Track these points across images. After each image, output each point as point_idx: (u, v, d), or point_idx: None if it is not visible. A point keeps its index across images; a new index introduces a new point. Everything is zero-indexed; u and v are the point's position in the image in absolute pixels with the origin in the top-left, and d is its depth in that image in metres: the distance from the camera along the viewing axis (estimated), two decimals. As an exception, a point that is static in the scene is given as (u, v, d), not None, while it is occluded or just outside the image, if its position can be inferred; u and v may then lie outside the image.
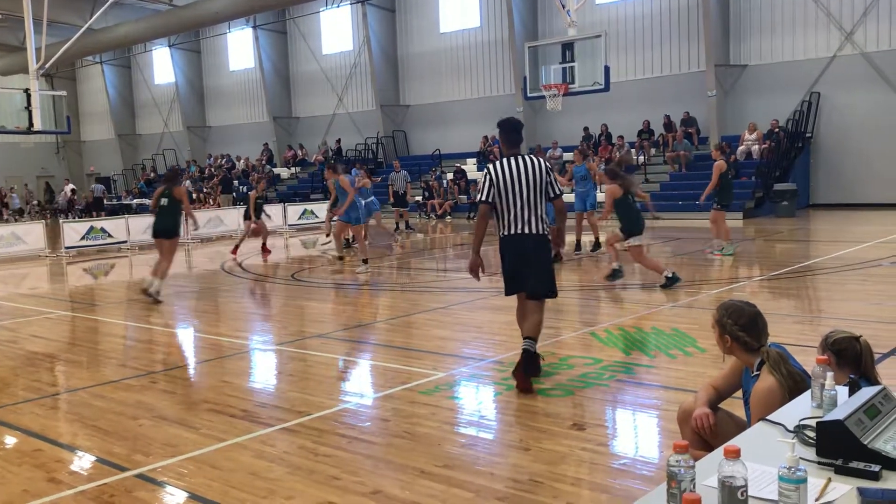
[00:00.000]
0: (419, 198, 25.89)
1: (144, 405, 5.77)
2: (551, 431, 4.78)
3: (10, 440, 5.20)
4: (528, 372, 5.74)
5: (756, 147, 22.15)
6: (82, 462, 4.70)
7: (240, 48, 35.49)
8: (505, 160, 5.84)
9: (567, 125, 25.61)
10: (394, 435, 4.90)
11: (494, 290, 10.32)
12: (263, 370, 7.20)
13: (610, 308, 9.42)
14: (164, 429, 5.21)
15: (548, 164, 5.93)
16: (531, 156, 5.92)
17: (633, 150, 23.60)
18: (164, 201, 10.96)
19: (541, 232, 5.80)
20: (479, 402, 5.73)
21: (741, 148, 22.37)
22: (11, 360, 7.57)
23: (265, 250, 16.66)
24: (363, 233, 13.70)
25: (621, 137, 24.34)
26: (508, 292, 6.01)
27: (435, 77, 29.54)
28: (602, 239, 13.55)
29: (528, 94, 18.93)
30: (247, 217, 16.92)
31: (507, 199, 5.76)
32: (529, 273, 5.84)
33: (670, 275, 9.90)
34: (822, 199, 22.40)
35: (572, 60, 17.62)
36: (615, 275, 10.56)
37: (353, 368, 7.11)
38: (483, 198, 5.82)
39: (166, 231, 10.94)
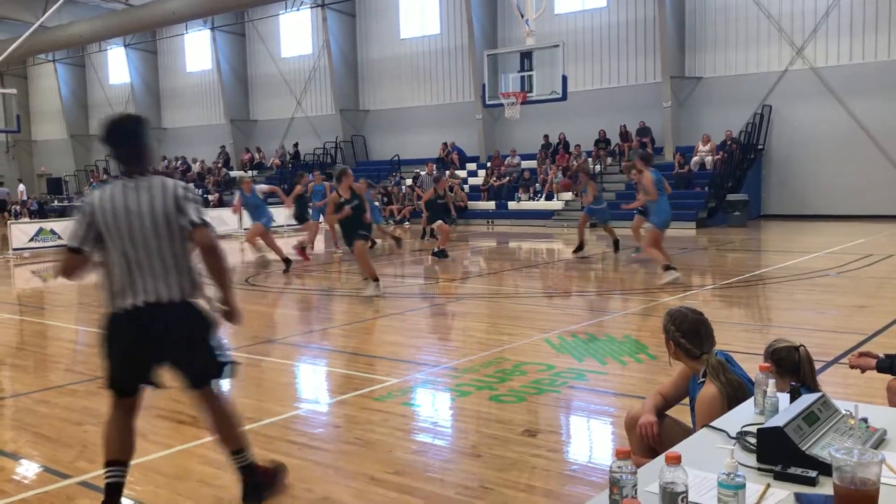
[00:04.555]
0: (377, 203, 25.81)
1: (90, 411, 5.64)
2: (503, 437, 4.79)
3: (-52, 447, 5.05)
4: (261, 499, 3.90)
5: (709, 158, 22.55)
6: (24, 469, 4.58)
7: (197, 49, 35.07)
8: (111, 187, 3.64)
9: (526, 133, 25.80)
10: (345, 441, 4.87)
11: (451, 296, 10.34)
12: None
13: (563, 314, 9.49)
14: (109, 435, 5.09)
15: (180, 185, 3.64)
16: (155, 176, 3.64)
17: (589, 159, 23.86)
18: None
19: (177, 298, 3.62)
20: (432, 409, 5.72)
21: (695, 159, 22.76)
22: (-48, 365, 7.35)
23: (302, 252, 15.22)
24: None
25: (578, 146, 24.59)
26: (115, 387, 3.96)
27: (395, 82, 29.54)
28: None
29: (487, 102, 19.05)
30: (303, 216, 16.26)
31: (113, 248, 3.58)
32: (167, 357, 3.76)
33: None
34: (774, 210, 22.90)
35: (531, 69, 17.78)
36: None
37: (306, 374, 7.05)
38: (71, 243, 3.63)
39: None
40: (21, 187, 35.33)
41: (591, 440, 5.00)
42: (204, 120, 35.17)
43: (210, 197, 16.21)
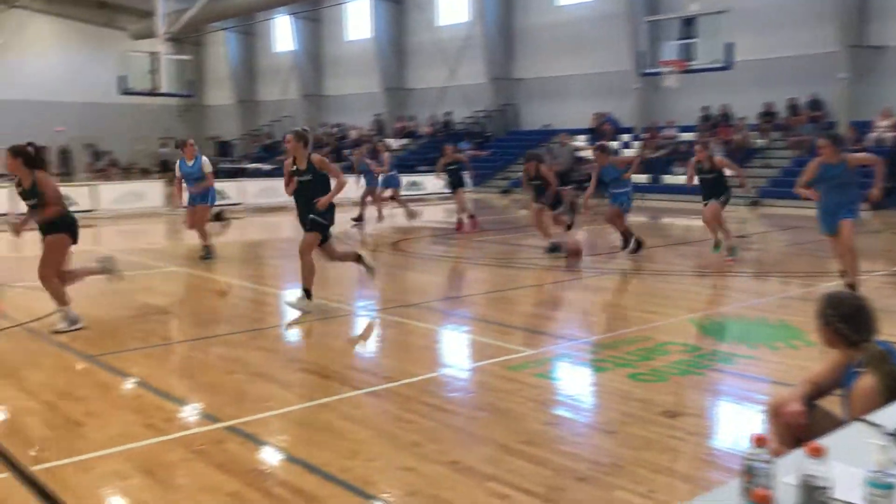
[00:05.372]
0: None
1: (242, 361, 5.96)
2: (640, 416, 4.65)
3: (116, 384, 5.50)
4: None
5: (890, 134, 20.77)
6: (178, 411, 4.90)
7: (357, 18, 35.97)
8: None
9: (684, 104, 24.72)
10: (478, 408, 4.89)
11: (594, 271, 10.14)
12: (360, 335, 7.32)
13: (714, 295, 9.08)
14: (257, 385, 5.38)
15: None
16: None
17: (753, 133, 22.62)
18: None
19: None
20: (568, 382, 5.64)
21: (872, 135, 21.03)
22: (124, 311, 7.98)
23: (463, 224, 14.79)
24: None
25: (742, 119, 23.32)
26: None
27: (548, 50, 29.06)
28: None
29: (645, 70, 18.39)
30: (456, 185, 15.06)
31: None
32: None
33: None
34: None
35: (693, 36, 16.98)
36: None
37: (445, 339, 7.13)
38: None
39: None
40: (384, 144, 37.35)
41: (733, 426, 4.75)
42: (360, 88, 36.09)
43: (368, 162, 16.44)
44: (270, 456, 4.17)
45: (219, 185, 21.71)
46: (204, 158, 11.42)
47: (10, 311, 7.76)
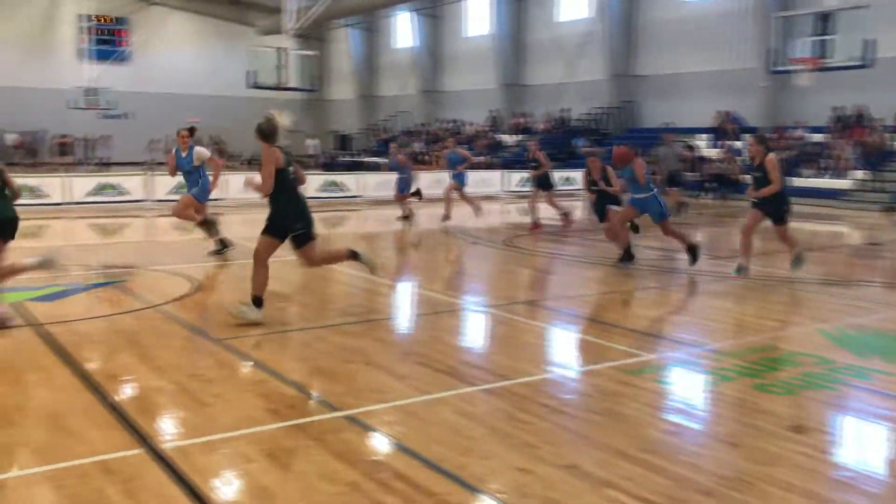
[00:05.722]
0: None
1: (360, 351, 6.07)
2: (766, 430, 4.44)
3: (242, 369, 5.71)
4: None
5: None
6: (300, 398, 5.04)
7: (477, 14, 36.09)
8: None
9: (814, 103, 23.52)
10: (595, 412, 4.79)
11: (716, 275, 9.78)
12: (472, 330, 7.33)
13: (847, 305, 8.58)
14: (374, 375, 5.46)
15: None
16: None
17: (890, 135, 21.29)
18: None
19: None
20: (688, 390, 5.45)
21: None
22: (248, 297, 8.27)
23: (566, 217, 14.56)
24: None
25: (875, 121, 21.97)
26: None
27: (672, 47, 28.28)
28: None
29: (774, 68, 17.60)
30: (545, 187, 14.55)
31: None
32: None
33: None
34: None
35: (830, 33, 16.12)
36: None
37: (560, 339, 7.04)
38: None
39: None
40: (309, 142, 38.63)
41: (868, 446, 4.47)
42: (477, 84, 36.20)
43: (482, 159, 16.34)
44: (387, 447, 4.22)
45: (338, 177, 22.45)
46: (198, 149, 10.51)
47: (145, 293, 8.20)
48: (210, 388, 5.07)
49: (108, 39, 39.17)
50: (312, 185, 20.67)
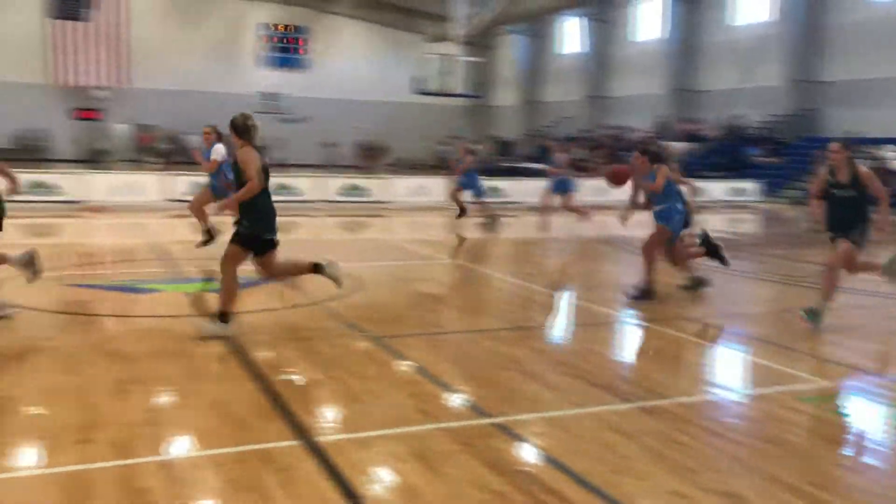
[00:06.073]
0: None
1: (513, 358, 6.01)
2: (962, 475, 3.97)
3: (395, 367, 5.80)
4: None
5: None
6: (450, 400, 5.04)
7: (648, 18, 35.23)
8: None
9: None
10: (762, 439, 4.46)
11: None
12: (630, 344, 7.08)
13: None
14: (526, 384, 5.38)
15: None
16: None
17: None
18: None
19: None
20: (870, 423, 4.98)
21: None
22: (405, 297, 8.44)
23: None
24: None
25: None
26: None
27: (860, 50, 26.28)
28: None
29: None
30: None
31: None
32: None
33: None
34: None
35: None
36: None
37: (724, 358, 6.65)
38: None
39: None
40: (469, 147, 38.96)
41: None
42: (644, 89, 35.27)
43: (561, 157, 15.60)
44: (536, 458, 4.12)
45: (498, 183, 22.48)
46: (217, 146, 10.44)
47: (309, 289, 8.54)
48: (365, 385, 5.17)
49: (286, 47, 41.37)
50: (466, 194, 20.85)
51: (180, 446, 4.20)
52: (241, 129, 6.15)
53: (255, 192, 6.07)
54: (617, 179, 8.78)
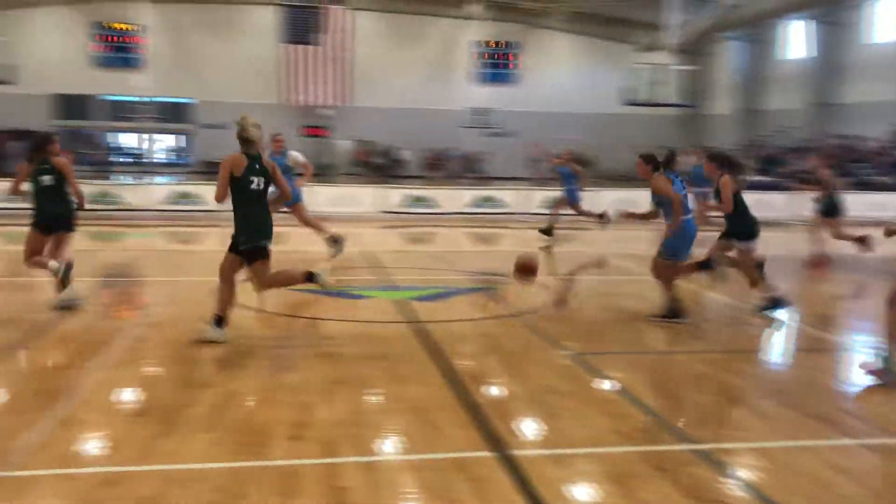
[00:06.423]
0: None
1: (720, 382, 5.70)
2: None
3: (593, 384, 5.69)
4: None
5: None
6: (646, 422, 4.85)
7: (887, 17, 32.25)
8: None
9: None
10: None
11: None
12: (854, 374, 6.46)
13: None
14: (732, 410, 5.09)
15: None
16: None
17: None
18: None
19: None
20: None
21: None
22: (609, 314, 8.27)
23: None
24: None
25: None
26: None
27: None
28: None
29: None
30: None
31: None
32: None
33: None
34: None
35: None
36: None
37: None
38: None
39: None
40: (685, 159, 37.54)
41: None
42: (881, 95, 32.24)
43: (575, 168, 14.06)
44: (740, 491, 3.87)
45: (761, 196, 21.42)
46: (291, 153, 10.75)
47: (511, 301, 8.61)
48: (562, 401, 5.12)
49: (497, 62, 42.24)
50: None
51: (380, 448, 4.38)
52: (237, 136, 6.22)
53: (216, 199, 6.20)
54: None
